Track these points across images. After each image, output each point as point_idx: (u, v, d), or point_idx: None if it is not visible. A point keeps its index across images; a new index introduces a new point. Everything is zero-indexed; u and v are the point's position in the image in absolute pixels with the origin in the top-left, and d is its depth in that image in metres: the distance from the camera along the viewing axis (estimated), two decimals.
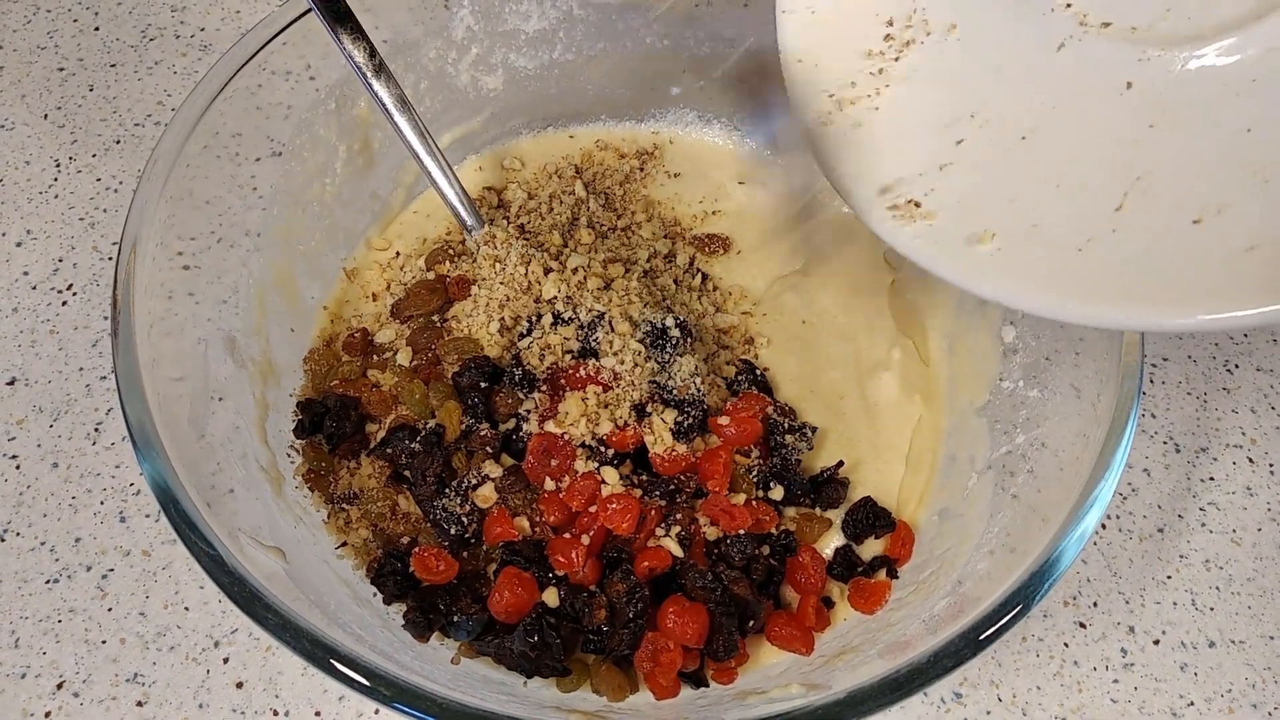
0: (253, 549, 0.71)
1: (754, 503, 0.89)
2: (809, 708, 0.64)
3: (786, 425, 0.94)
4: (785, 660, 0.85)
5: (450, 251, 1.03)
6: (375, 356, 0.98)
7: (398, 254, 1.06)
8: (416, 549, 0.85)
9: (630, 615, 0.81)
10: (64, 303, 1.08)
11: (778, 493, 0.91)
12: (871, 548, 0.92)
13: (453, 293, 0.99)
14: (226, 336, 0.88)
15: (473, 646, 0.83)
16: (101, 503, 0.97)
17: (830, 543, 0.92)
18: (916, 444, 0.98)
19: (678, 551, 0.85)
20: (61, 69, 1.27)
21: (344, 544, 0.88)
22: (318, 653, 0.63)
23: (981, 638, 0.67)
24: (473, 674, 0.80)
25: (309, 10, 0.90)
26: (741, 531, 0.87)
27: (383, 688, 0.63)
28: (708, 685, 0.83)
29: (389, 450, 0.89)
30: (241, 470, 0.81)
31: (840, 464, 0.94)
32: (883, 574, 0.90)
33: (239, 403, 0.86)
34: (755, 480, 0.91)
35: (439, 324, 0.98)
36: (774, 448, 0.93)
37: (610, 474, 0.86)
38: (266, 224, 0.95)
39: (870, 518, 0.91)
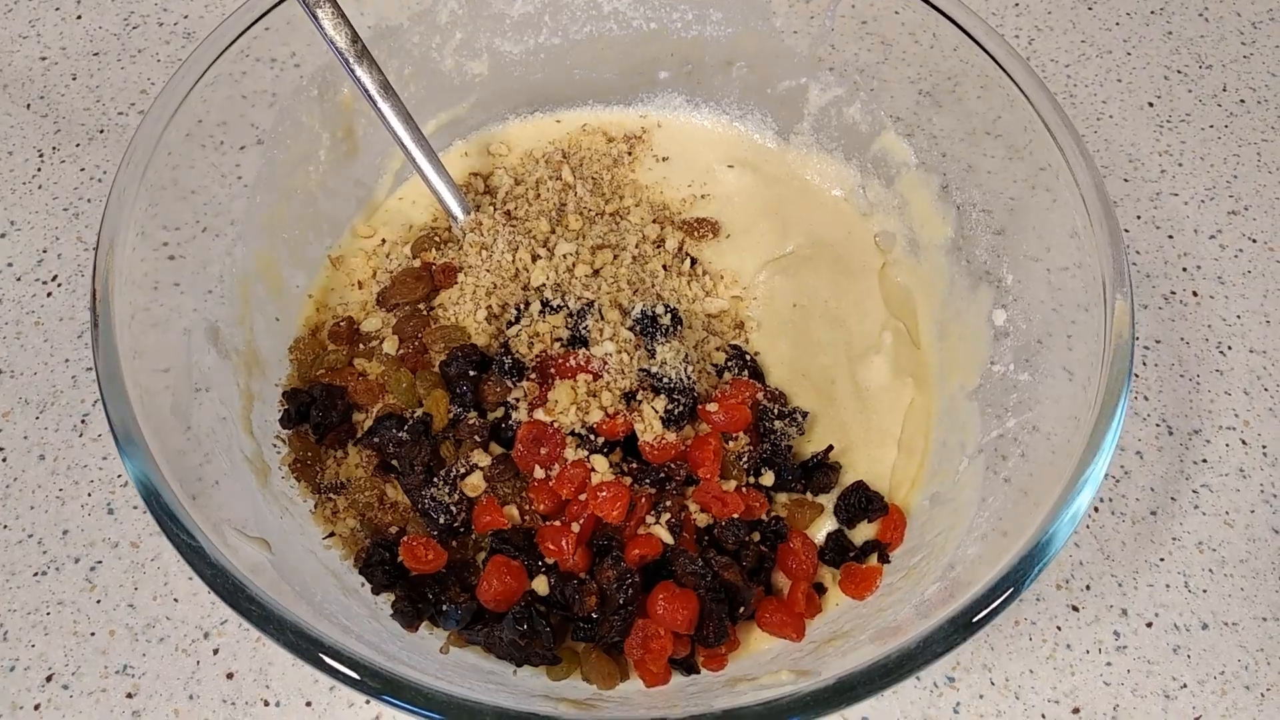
0: (237, 540, 0.70)
1: (744, 489, 0.89)
2: (798, 694, 0.63)
3: (777, 411, 0.94)
4: (776, 647, 0.85)
5: (436, 239, 1.02)
6: (361, 345, 0.97)
7: (383, 241, 1.05)
8: (405, 538, 0.84)
9: (621, 602, 0.80)
10: (49, 294, 1.07)
11: (768, 478, 0.90)
12: (864, 532, 0.92)
13: (439, 280, 0.98)
14: (210, 326, 0.87)
15: (462, 636, 0.82)
16: (89, 495, 0.96)
17: (822, 528, 0.92)
18: (908, 428, 0.97)
19: (668, 539, 0.85)
20: (44, 58, 1.25)
21: (331, 534, 0.87)
22: (302, 645, 0.63)
23: (972, 621, 0.67)
24: (462, 663, 0.80)
25: None
26: (733, 517, 0.86)
27: (369, 679, 0.62)
28: (698, 672, 0.82)
29: (376, 439, 0.88)
30: (226, 462, 0.80)
31: (830, 448, 0.94)
32: (874, 559, 0.90)
33: (224, 394, 0.85)
34: (745, 467, 0.90)
35: (425, 312, 0.97)
36: (764, 434, 0.93)
37: (600, 462, 0.86)
38: (250, 213, 0.94)
39: (863, 502, 0.91)
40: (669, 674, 0.81)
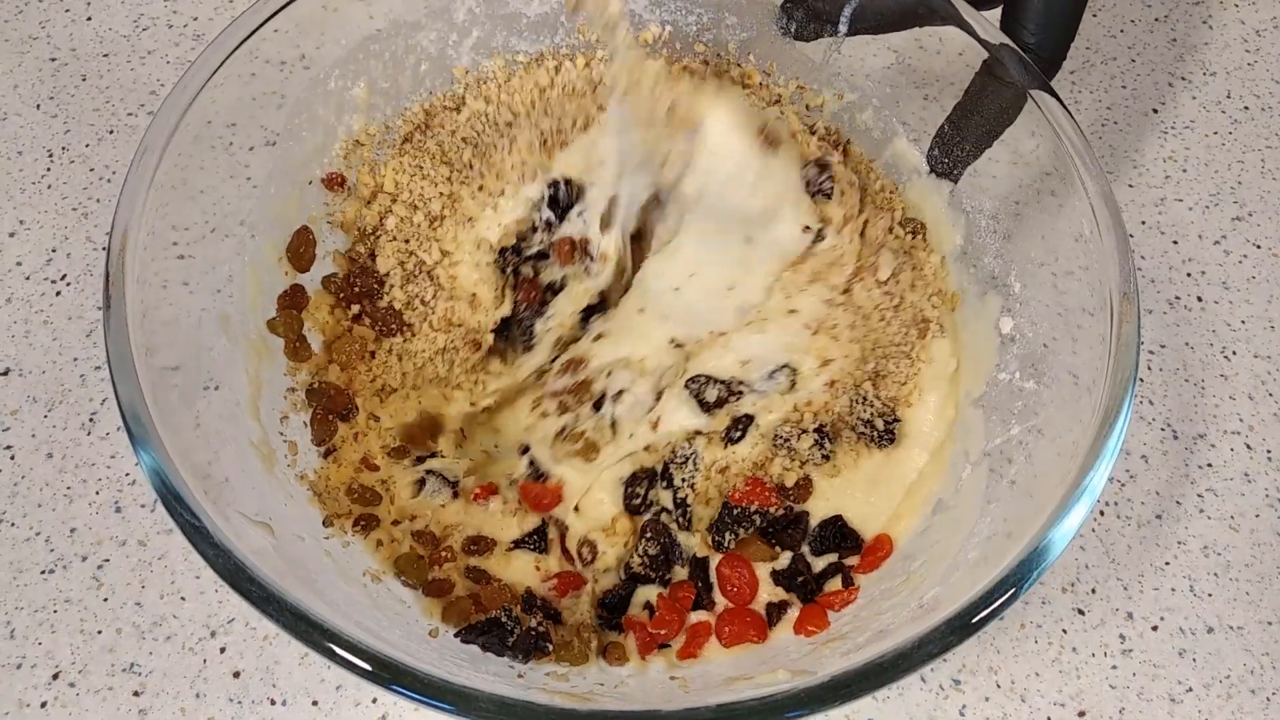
0: (241, 523, 0.71)
1: None
2: (794, 691, 0.63)
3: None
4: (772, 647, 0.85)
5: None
6: None
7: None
8: None
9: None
10: (58, 293, 1.08)
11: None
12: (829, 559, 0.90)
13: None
14: (221, 314, 0.87)
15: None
16: (97, 493, 0.97)
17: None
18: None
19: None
20: (54, 59, 1.26)
21: (330, 523, 0.86)
22: (301, 626, 0.63)
23: (970, 623, 0.66)
24: (460, 652, 0.80)
25: None
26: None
27: (368, 663, 0.62)
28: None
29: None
30: (234, 448, 0.80)
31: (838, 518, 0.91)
32: (838, 581, 0.87)
33: (233, 381, 0.85)
34: None
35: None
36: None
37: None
38: (262, 209, 0.94)
39: (836, 537, 0.88)
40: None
